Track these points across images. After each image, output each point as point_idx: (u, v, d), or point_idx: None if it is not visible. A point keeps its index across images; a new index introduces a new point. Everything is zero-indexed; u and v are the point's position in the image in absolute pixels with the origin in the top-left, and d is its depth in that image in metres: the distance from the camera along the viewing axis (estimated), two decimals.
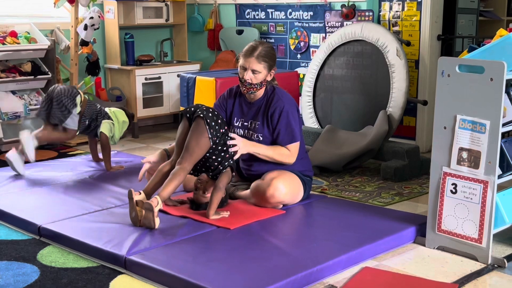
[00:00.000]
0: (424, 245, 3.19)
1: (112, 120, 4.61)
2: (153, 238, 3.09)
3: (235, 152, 3.48)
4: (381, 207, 3.76)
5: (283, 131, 3.58)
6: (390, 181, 4.37)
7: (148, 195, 3.39)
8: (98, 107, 4.61)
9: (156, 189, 3.45)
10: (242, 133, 3.67)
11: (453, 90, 3.00)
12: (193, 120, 3.46)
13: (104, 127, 4.55)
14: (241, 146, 3.49)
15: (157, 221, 3.21)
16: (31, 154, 4.36)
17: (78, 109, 4.44)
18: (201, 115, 3.42)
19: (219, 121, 3.46)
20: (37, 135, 4.41)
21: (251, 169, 3.72)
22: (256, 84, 3.57)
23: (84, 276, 2.82)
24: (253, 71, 3.54)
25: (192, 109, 3.51)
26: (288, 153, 3.60)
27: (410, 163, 4.44)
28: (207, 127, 3.39)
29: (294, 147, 3.61)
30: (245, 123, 3.68)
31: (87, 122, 4.53)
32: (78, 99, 4.44)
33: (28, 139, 4.35)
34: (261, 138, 3.62)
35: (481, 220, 2.95)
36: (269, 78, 3.63)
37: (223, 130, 3.47)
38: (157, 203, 3.21)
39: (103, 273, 2.85)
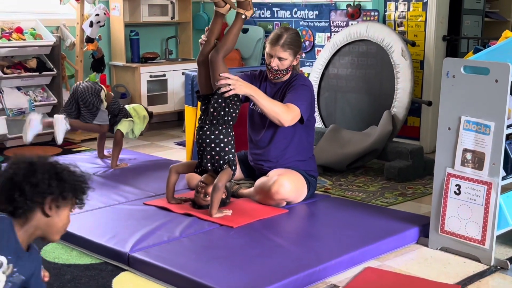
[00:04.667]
0: (427, 246, 3.19)
1: (131, 117, 4.64)
2: (156, 235, 3.10)
3: (228, 92, 3.42)
4: (384, 207, 3.76)
5: (290, 93, 3.62)
6: (393, 181, 4.36)
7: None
8: (121, 105, 4.66)
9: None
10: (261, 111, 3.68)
11: (457, 91, 3.00)
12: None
13: (122, 125, 4.59)
14: (236, 85, 3.42)
15: None
16: (60, 136, 4.39)
17: (105, 104, 4.51)
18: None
19: None
20: (71, 121, 4.45)
21: (260, 158, 3.75)
22: (282, 70, 3.66)
23: (87, 273, 2.83)
24: (280, 58, 3.63)
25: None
26: (286, 109, 3.51)
27: (414, 164, 4.44)
28: None
29: (294, 108, 3.53)
30: None
31: (109, 117, 4.58)
32: (102, 94, 4.50)
33: (62, 122, 4.39)
34: None
35: (485, 221, 2.95)
36: (295, 63, 3.73)
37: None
38: None
39: (106, 270, 2.86)
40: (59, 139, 4.40)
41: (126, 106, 4.70)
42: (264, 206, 3.57)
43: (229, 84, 3.40)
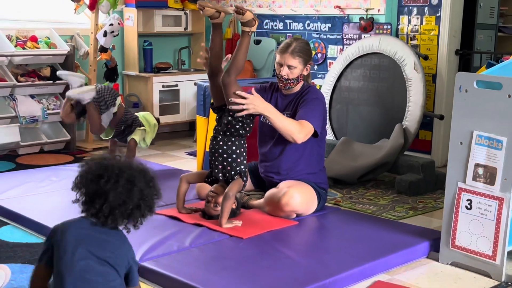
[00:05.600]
0: (437, 261, 3.17)
1: (143, 126, 4.66)
2: (166, 245, 3.10)
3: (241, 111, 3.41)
4: (394, 221, 3.75)
5: (302, 108, 3.61)
6: (404, 195, 4.35)
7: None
8: (134, 115, 4.69)
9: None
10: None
11: (470, 105, 2.99)
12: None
13: (136, 134, 4.62)
14: (249, 106, 3.40)
15: None
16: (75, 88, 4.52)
17: (115, 109, 4.53)
18: None
19: None
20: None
21: (270, 170, 3.75)
22: (292, 79, 3.65)
23: None
24: (289, 67, 3.62)
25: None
26: (299, 127, 3.51)
27: (425, 178, 4.42)
28: None
29: (307, 125, 3.53)
30: None
31: (122, 128, 4.62)
32: (118, 100, 4.54)
33: (79, 79, 4.57)
34: None
35: (496, 237, 2.93)
36: (305, 73, 3.71)
37: None
38: None
39: None
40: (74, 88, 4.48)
41: (136, 114, 4.73)
42: (274, 217, 3.57)
43: (243, 104, 3.41)
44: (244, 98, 3.40)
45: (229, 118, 3.44)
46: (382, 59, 4.93)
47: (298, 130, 3.50)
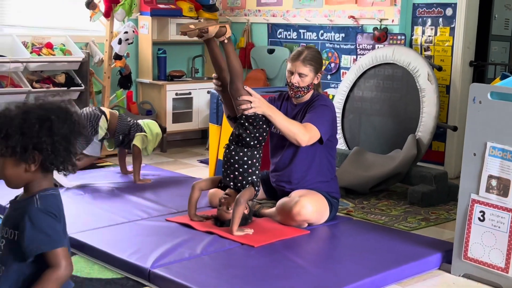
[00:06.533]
0: (449, 272, 3.16)
1: (145, 132, 4.66)
2: (177, 252, 3.11)
3: (248, 110, 3.43)
4: (406, 232, 3.73)
5: (309, 113, 3.61)
6: (417, 205, 4.33)
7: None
8: (131, 121, 4.66)
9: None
10: None
11: (484, 117, 2.98)
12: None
13: (137, 140, 4.60)
14: (256, 104, 3.43)
15: None
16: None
17: (100, 135, 4.49)
18: None
19: None
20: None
21: (281, 179, 3.75)
22: (303, 87, 3.65)
23: (108, 287, 2.84)
24: (300, 74, 3.62)
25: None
26: (303, 129, 3.51)
27: (438, 189, 4.40)
28: None
29: (312, 128, 3.53)
30: None
31: (120, 138, 4.61)
32: (101, 121, 4.47)
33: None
34: None
35: (509, 249, 2.91)
36: (316, 82, 3.70)
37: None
38: None
39: (127, 285, 2.88)
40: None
41: (140, 121, 4.73)
42: (285, 226, 3.57)
43: (250, 102, 3.42)
44: (249, 99, 3.43)
45: (240, 130, 3.46)
46: (396, 69, 4.93)
47: (302, 132, 3.50)
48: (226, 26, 3.51)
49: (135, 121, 4.70)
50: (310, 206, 3.53)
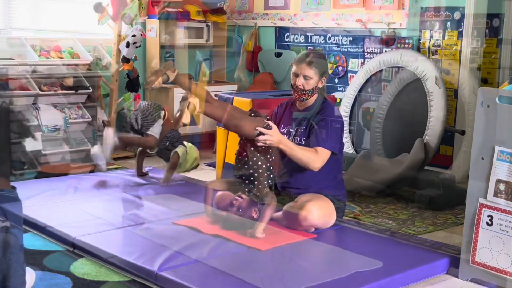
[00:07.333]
0: (457, 277, 3.14)
1: (186, 148, 4.77)
2: (185, 255, 3.11)
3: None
4: (414, 236, 3.72)
5: (317, 132, 3.61)
6: (424, 209, 4.32)
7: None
8: (181, 136, 4.82)
9: None
10: (287, 138, 3.69)
11: (492, 121, 2.97)
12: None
13: (180, 150, 4.71)
14: (268, 141, 3.46)
15: None
16: (108, 151, 4.52)
17: (161, 121, 4.68)
18: None
19: None
20: (120, 135, 4.64)
21: (288, 186, 3.76)
22: (307, 90, 3.64)
23: None
24: (305, 77, 3.63)
25: None
26: (315, 157, 3.54)
27: (445, 193, 4.39)
28: None
29: (322, 151, 3.56)
30: (291, 130, 3.74)
31: (167, 143, 4.71)
32: (162, 113, 4.72)
33: (110, 136, 4.56)
34: (303, 142, 3.64)
35: None
36: (320, 85, 3.69)
37: None
38: None
39: None
40: (107, 155, 4.50)
41: (185, 142, 4.85)
42: (292, 230, 3.57)
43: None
44: (266, 133, 3.45)
45: (247, 151, 3.51)
46: (403, 73, 4.92)
47: (313, 160, 3.54)
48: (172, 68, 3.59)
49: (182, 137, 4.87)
50: (317, 211, 3.52)
